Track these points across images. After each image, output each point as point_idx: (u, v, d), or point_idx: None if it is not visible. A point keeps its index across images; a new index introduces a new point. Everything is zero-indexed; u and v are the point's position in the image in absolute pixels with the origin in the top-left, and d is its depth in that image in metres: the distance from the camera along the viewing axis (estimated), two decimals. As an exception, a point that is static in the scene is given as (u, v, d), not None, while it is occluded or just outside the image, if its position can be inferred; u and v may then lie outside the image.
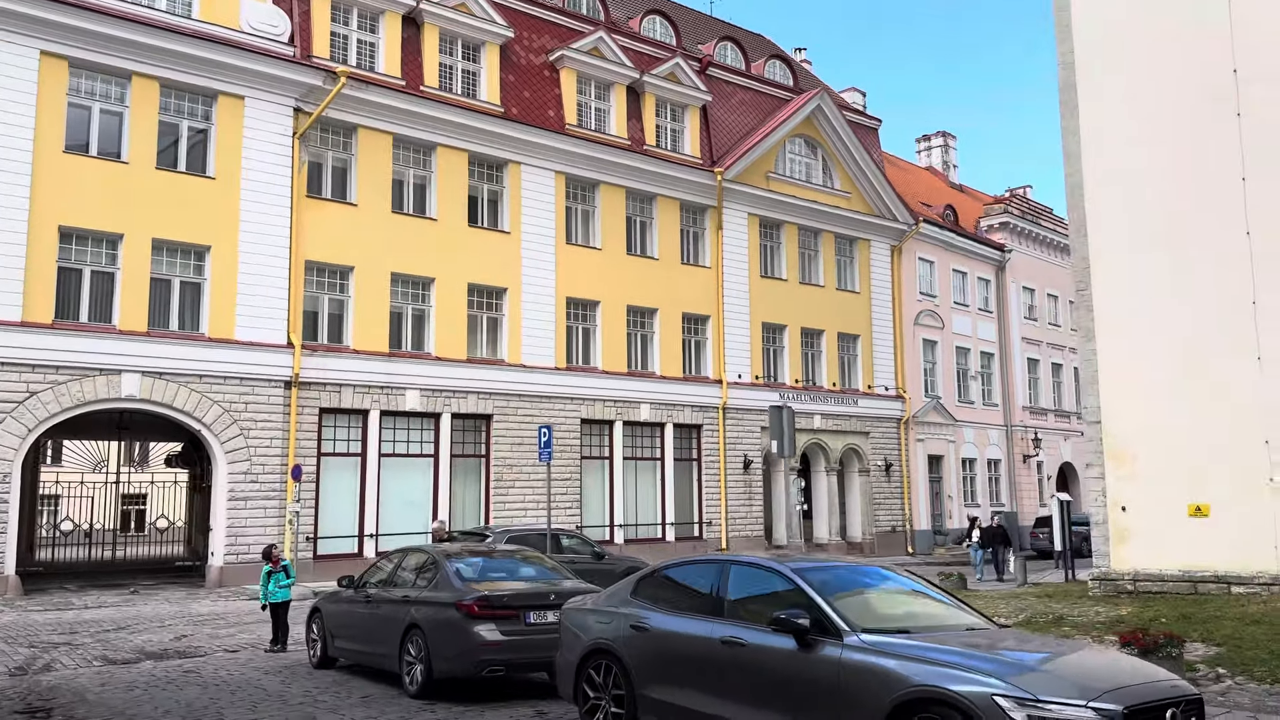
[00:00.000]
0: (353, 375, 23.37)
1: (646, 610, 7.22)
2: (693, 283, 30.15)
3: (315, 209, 23.39)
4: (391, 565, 10.56)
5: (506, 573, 9.70)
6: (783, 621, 5.96)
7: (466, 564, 9.46)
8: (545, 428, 17.26)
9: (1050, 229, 45.55)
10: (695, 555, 6.84)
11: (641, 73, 29.53)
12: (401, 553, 10.81)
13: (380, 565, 10.95)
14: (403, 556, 10.67)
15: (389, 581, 10.26)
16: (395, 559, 10.72)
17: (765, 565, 6.81)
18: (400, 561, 10.49)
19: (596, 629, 7.45)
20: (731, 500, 30.05)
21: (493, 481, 25.48)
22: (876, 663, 5.52)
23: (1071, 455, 45.12)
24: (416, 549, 10.85)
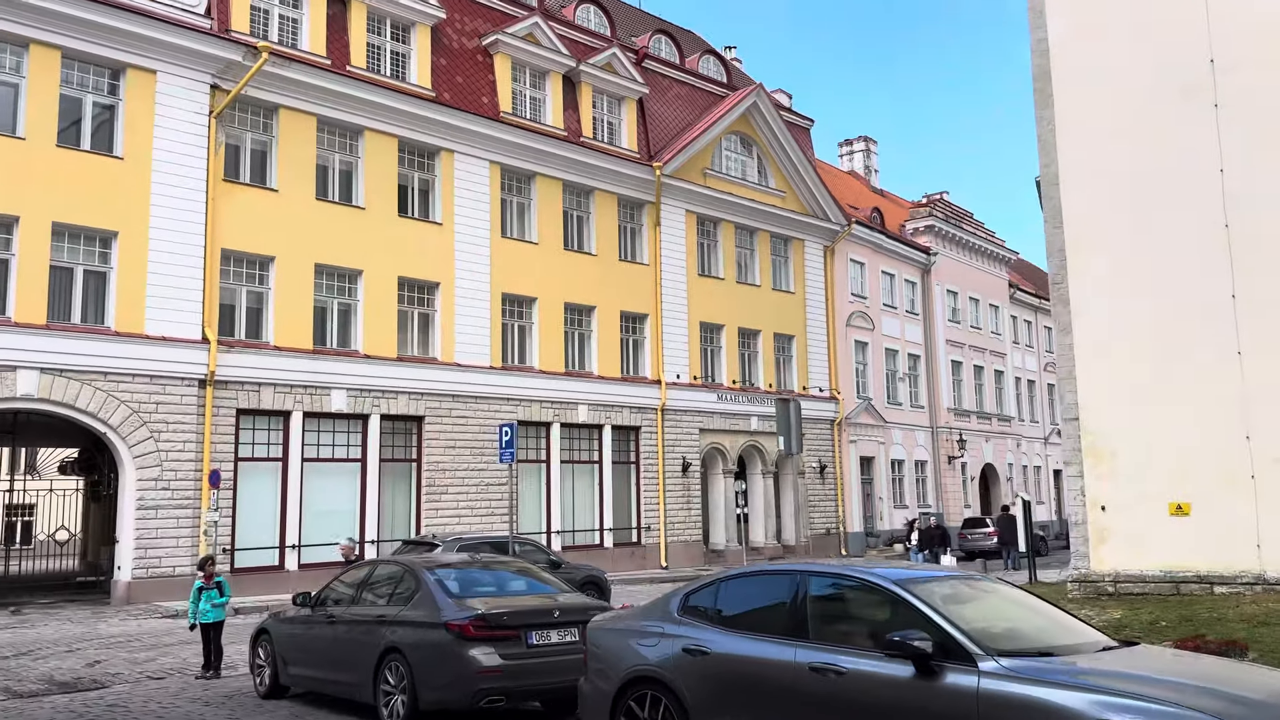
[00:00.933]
0: (273, 374, 21.71)
1: (702, 630, 6.15)
2: (631, 280, 29.20)
3: (233, 194, 21.67)
4: (357, 580, 9.24)
5: (495, 586, 8.52)
6: (899, 644, 4.98)
7: (450, 576, 8.25)
8: (508, 426, 16.03)
9: (972, 233, 46.05)
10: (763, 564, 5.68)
11: (578, 61, 28.48)
12: (369, 564, 9.49)
13: (343, 580, 9.60)
14: (371, 569, 9.34)
15: (356, 598, 8.96)
16: (362, 572, 9.40)
17: (857, 575, 5.80)
18: (368, 575, 9.17)
19: (637, 653, 6.35)
20: (670, 505, 29.16)
21: (425, 488, 24.05)
22: (1034, 695, 4.57)
23: (993, 457, 45.64)
24: (388, 560, 9.58)
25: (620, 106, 29.79)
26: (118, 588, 19.55)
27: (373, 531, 22.97)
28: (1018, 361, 49.83)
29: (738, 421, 31.60)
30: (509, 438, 15.61)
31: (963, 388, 43.98)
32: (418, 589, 8.11)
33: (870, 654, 5.25)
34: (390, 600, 8.44)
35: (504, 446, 15.62)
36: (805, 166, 34.73)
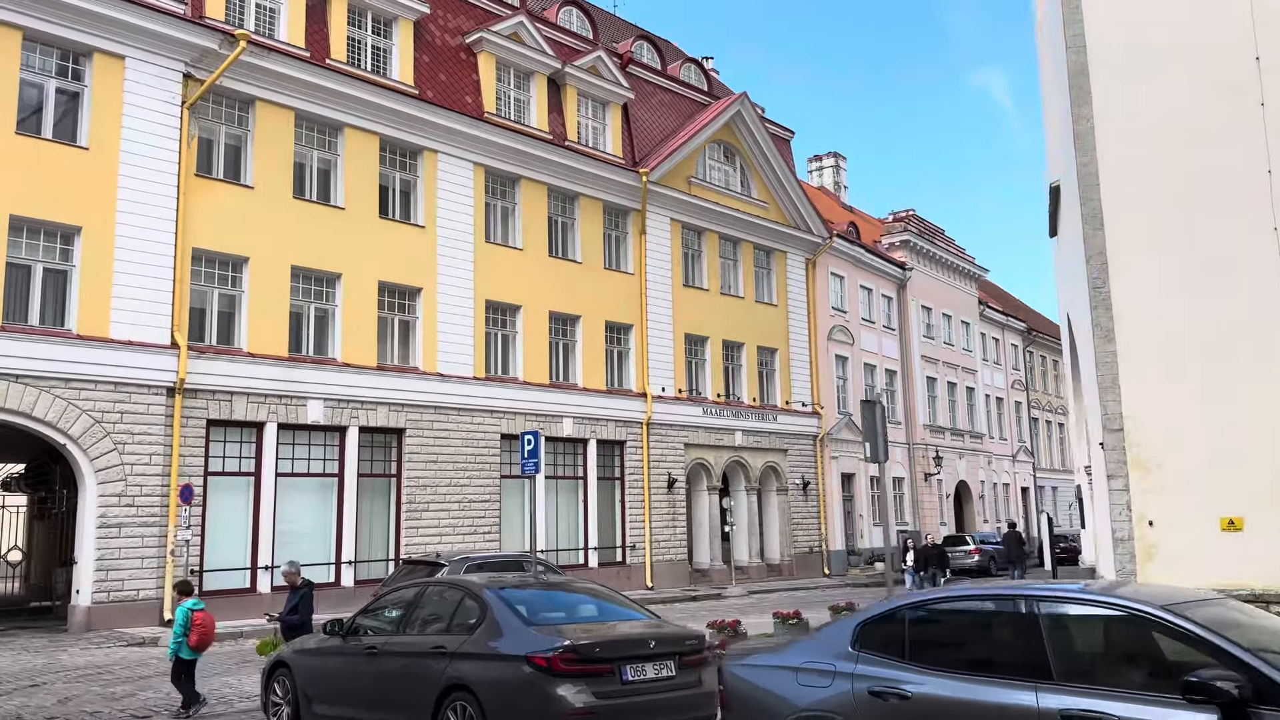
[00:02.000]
0: (246, 382, 20.31)
1: (892, 668, 5.10)
2: (616, 289, 28.20)
3: (206, 190, 20.30)
4: (401, 604, 8.03)
5: (567, 610, 7.40)
6: (1202, 687, 4.02)
7: (519, 599, 7.10)
8: (532, 434, 14.77)
9: (944, 248, 45.86)
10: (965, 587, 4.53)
11: (563, 64, 27.53)
12: (415, 586, 8.25)
13: (385, 603, 8.38)
14: (418, 591, 8.15)
15: (402, 626, 7.78)
16: (405, 594, 8.19)
17: (1111, 600, 4.79)
18: (416, 599, 8.00)
19: (802, 696, 5.27)
20: (656, 522, 28.09)
21: (404, 504, 22.73)
22: None
23: (966, 474, 45.30)
24: (443, 581, 8.37)
25: (605, 111, 28.87)
26: (76, 613, 17.95)
27: (350, 552, 21.62)
28: (987, 379, 49.68)
29: (722, 436, 30.69)
30: (532, 447, 14.38)
31: (937, 404, 43.61)
32: (484, 615, 6.95)
33: (1147, 698, 4.26)
34: (449, 628, 7.26)
35: (527, 457, 14.38)
36: (788, 177, 34.11)
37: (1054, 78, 17.94)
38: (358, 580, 21.61)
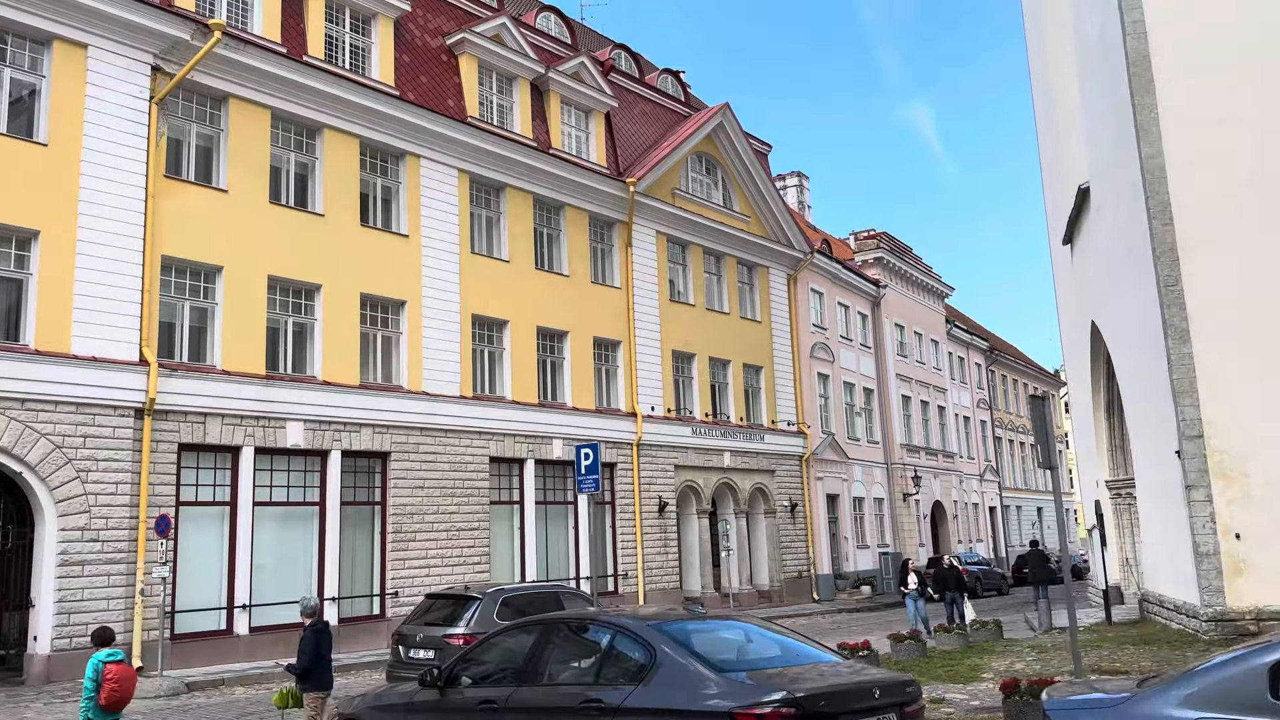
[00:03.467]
0: (221, 402, 18.53)
1: None
2: (603, 304, 26.90)
3: (176, 193, 18.57)
4: (520, 648, 6.53)
5: (743, 652, 6.01)
6: None
7: (691, 638, 5.70)
8: (590, 447, 13.25)
9: (914, 266, 45.47)
10: None
11: (547, 68, 26.29)
12: (534, 624, 6.72)
13: (494, 646, 6.85)
14: (542, 632, 6.64)
15: (529, 673, 6.33)
16: (524, 634, 6.71)
17: None
18: (544, 638, 6.52)
19: None
20: (648, 548, 26.69)
21: (390, 534, 21.02)
22: None
23: (940, 494, 44.68)
24: (578, 617, 6.86)
25: (588, 120, 27.67)
26: (33, 663, 15.92)
27: (333, 587, 19.84)
28: (956, 398, 49.30)
29: (711, 458, 29.46)
30: (590, 461, 12.87)
31: (912, 424, 42.99)
32: (652, 658, 5.53)
33: None
34: (600, 677, 5.81)
35: (584, 474, 12.87)
36: (769, 191, 33.24)
37: (1095, 72, 17.23)
38: (342, 618, 19.85)
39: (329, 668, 10.19)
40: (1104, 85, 16.37)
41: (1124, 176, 15.39)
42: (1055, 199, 24.65)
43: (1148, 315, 14.68)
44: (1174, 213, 13.70)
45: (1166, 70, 14.00)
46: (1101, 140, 17.01)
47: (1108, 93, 16.07)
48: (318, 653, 10.26)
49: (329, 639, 10.48)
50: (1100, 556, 16.32)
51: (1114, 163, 16.09)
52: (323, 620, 10.81)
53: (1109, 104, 16.13)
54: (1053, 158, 24.36)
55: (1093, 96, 17.61)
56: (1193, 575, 13.41)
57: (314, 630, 10.35)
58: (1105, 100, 16.37)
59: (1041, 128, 26.35)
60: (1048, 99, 24.09)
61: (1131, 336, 16.09)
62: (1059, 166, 22.56)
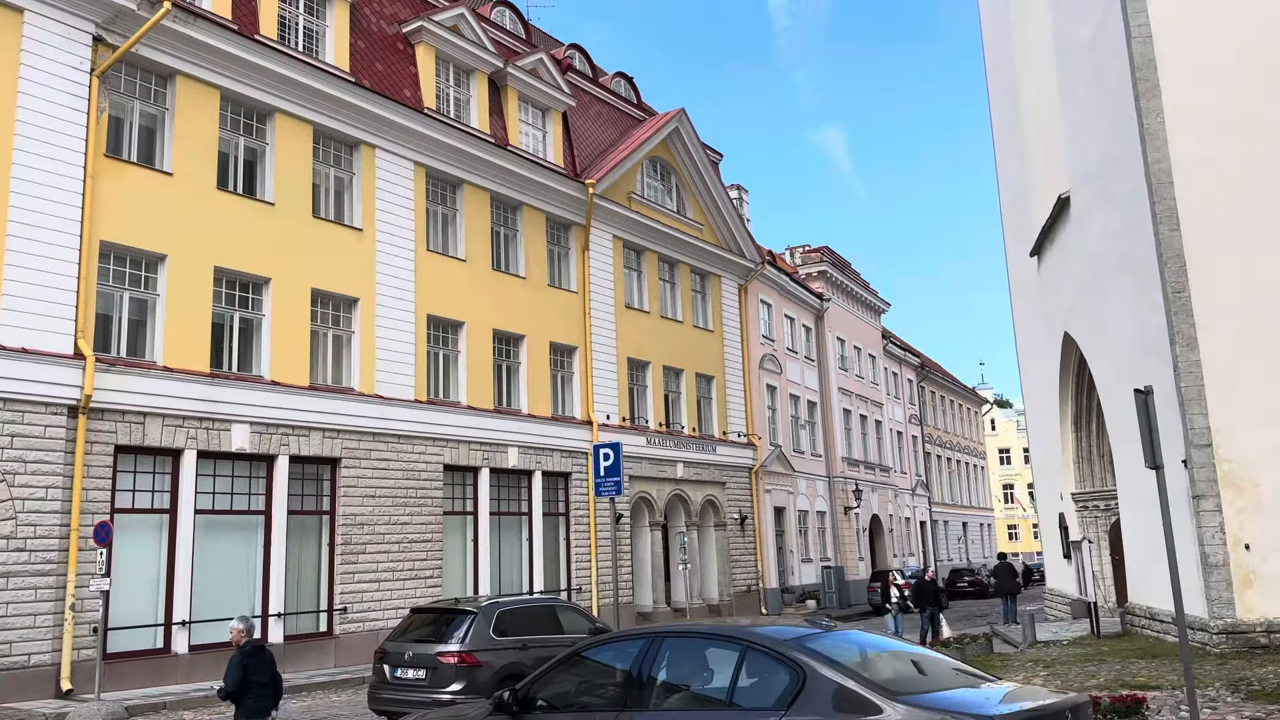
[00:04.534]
0: (162, 401, 17.11)
1: None
2: (560, 308, 26.02)
3: (117, 174, 17.14)
4: (616, 663, 5.56)
5: (892, 671, 5.15)
6: None
7: (835, 652, 4.86)
8: (610, 446, 12.25)
9: (853, 281, 45.59)
10: None
11: (505, 63, 25.38)
12: (632, 639, 5.70)
13: (582, 665, 5.85)
14: (647, 645, 5.54)
15: (632, 696, 5.34)
16: (620, 649, 5.76)
17: None
18: (647, 656, 5.44)
19: None
20: (602, 561, 25.79)
21: (339, 546, 19.74)
22: None
23: (878, 508, 44.73)
24: (691, 631, 5.86)
25: (546, 119, 26.82)
26: (-52, 687, 14.31)
27: (278, 602, 18.48)
28: (890, 413, 49.56)
29: (664, 468, 28.75)
30: (611, 462, 11.91)
31: (852, 437, 42.95)
32: (800, 680, 4.69)
33: None
34: (732, 701, 4.94)
35: (603, 476, 11.91)
36: (723, 199, 32.80)
37: (1084, 78, 17.09)
38: (288, 636, 18.53)
39: (267, 693, 9.25)
40: (1097, 91, 16.22)
41: (1119, 183, 15.22)
42: (1017, 214, 24.66)
43: (1147, 323, 14.48)
44: (1180, 219, 13.53)
45: (1172, 74, 13.85)
46: (1090, 148, 16.87)
47: (1102, 98, 15.92)
48: (246, 677, 9.31)
49: (264, 661, 9.51)
50: (1085, 569, 16.05)
51: (1106, 169, 15.94)
52: (259, 641, 9.83)
53: (1102, 109, 15.98)
54: (1015, 174, 24.37)
55: (1079, 104, 17.49)
56: (1199, 587, 13.17)
57: (243, 653, 9.42)
58: (1098, 106, 16.22)
59: (1001, 145, 26.42)
60: (1011, 116, 24.11)
61: (1122, 345, 15.91)
62: (1025, 181, 22.52)
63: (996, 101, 26.53)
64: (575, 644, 12.78)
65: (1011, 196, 25.38)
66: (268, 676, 9.39)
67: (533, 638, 11.97)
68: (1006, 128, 25.29)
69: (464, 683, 10.92)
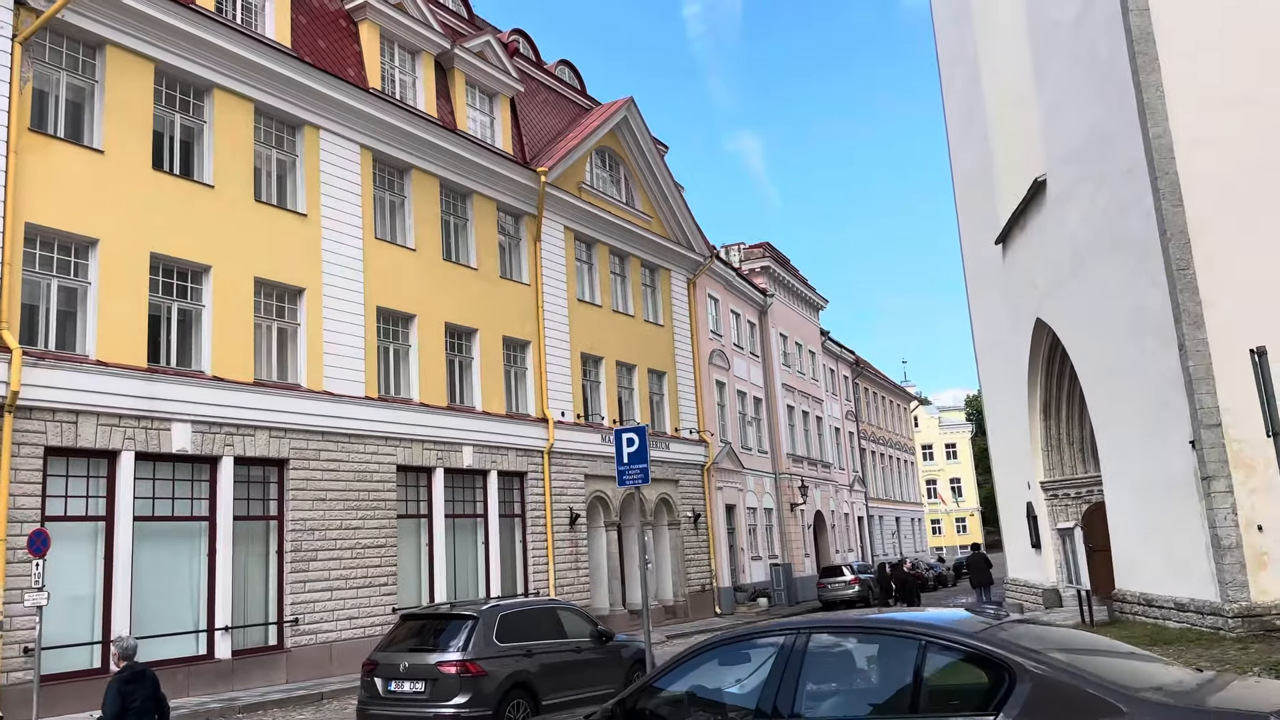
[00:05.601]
0: (96, 398, 15.65)
1: None
2: (512, 301, 24.99)
3: (43, 150, 15.64)
4: (750, 663, 4.65)
5: (1108, 666, 4.39)
6: None
7: (1054, 647, 4.03)
8: (635, 430, 11.17)
9: (793, 277, 45.40)
10: None
11: (452, 44, 24.27)
12: (773, 634, 4.66)
13: (698, 667, 4.88)
14: (792, 640, 4.65)
15: (783, 704, 4.33)
16: (752, 650, 4.84)
17: None
18: (793, 652, 4.55)
19: None
20: (559, 563, 24.82)
21: (288, 552, 18.42)
22: None
23: (821, 504, 44.56)
24: (851, 623, 4.87)
25: (493, 104, 25.77)
26: None
27: (224, 615, 17.10)
28: (829, 409, 49.53)
29: (619, 466, 27.85)
30: (636, 447, 10.90)
31: (795, 434, 42.68)
32: (1008, 679, 3.88)
33: None
34: (918, 707, 4.09)
35: (626, 463, 10.92)
36: (671, 191, 32.12)
37: (1066, 58, 16.81)
38: (235, 650, 17.17)
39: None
40: (1082, 70, 15.95)
41: (1111, 160, 14.94)
42: (976, 204, 24.49)
43: (1143, 302, 14.21)
44: (1183, 194, 13.25)
45: (1170, 47, 13.59)
46: (1073, 128, 16.60)
47: (1089, 76, 15.65)
48: (124, 705, 8.41)
49: (145, 686, 8.62)
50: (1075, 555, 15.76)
51: (1093, 149, 15.66)
52: (140, 665, 8.87)
53: (1088, 88, 15.71)
54: (974, 164, 24.18)
55: (1058, 85, 17.22)
56: (1208, 571, 12.90)
57: (120, 678, 8.52)
58: (1083, 85, 15.96)
59: (956, 137, 26.26)
60: (969, 106, 23.91)
61: (1111, 327, 15.64)
62: (988, 170, 22.31)
63: (951, 93, 26.36)
64: (579, 647, 11.95)
65: (969, 187, 25.21)
66: (151, 703, 8.67)
67: (537, 643, 11.04)
68: (963, 118, 25.11)
69: (469, 694, 9.93)
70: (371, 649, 19.02)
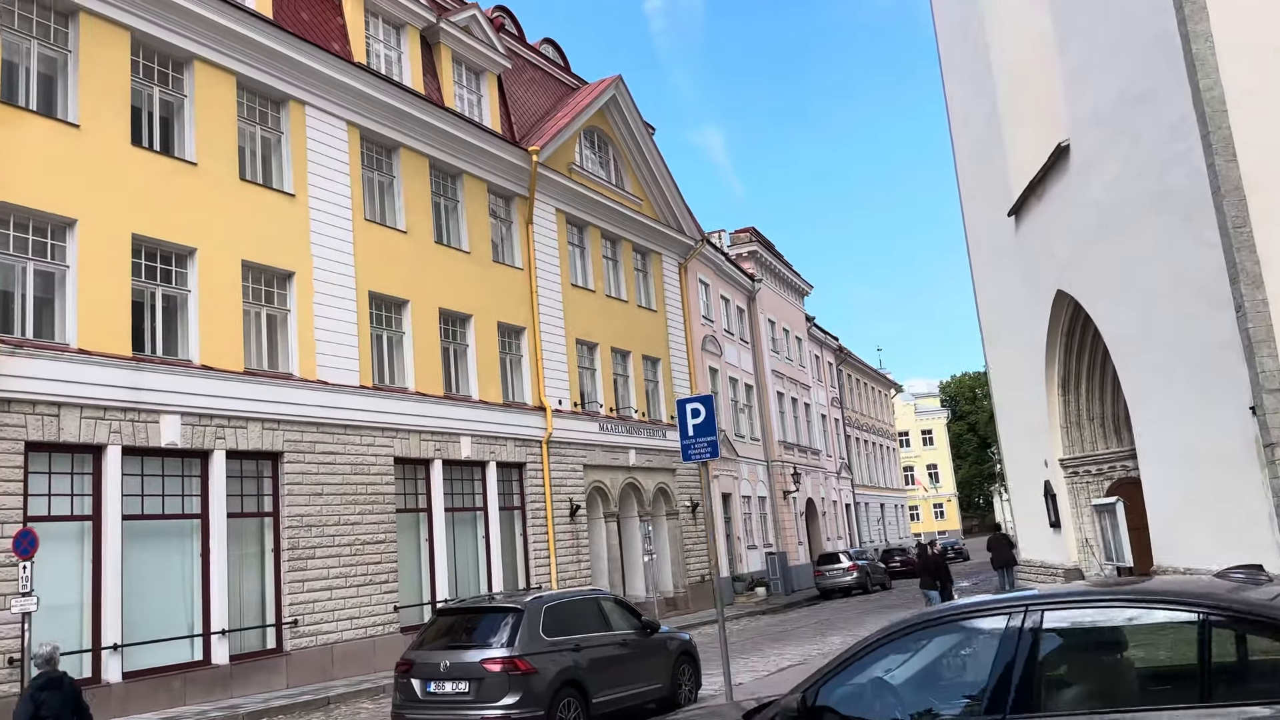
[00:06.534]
0: (79, 389, 14.59)
1: None
2: (506, 286, 24.06)
3: (13, 123, 14.54)
4: (969, 647, 3.84)
5: None
6: None
7: None
8: (701, 400, 10.24)
9: (777, 261, 44.76)
10: None
11: (438, 17, 23.27)
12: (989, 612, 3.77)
13: (901, 653, 4.02)
14: (1026, 624, 3.72)
15: (1021, 696, 3.53)
16: (939, 636, 4.10)
17: None
18: (1030, 636, 3.72)
19: None
20: (560, 556, 23.95)
21: (285, 551, 17.42)
22: None
23: (812, 491, 43.99)
24: (1076, 594, 4.02)
25: (480, 81, 24.80)
26: None
27: (220, 618, 16.09)
28: (815, 396, 48.98)
29: (618, 456, 27.06)
30: (702, 419, 10.00)
31: (785, 421, 42.05)
32: None
33: None
34: (1211, 696, 3.28)
35: (691, 435, 10.01)
36: (661, 172, 31.28)
37: (1093, 15, 16.17)
38: (233, 656, 16.17)
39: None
40: (1114, 26, 15.31)
41: (1151, 118, 14.31)
42: (982, 179, 23.85)
43: (1190, 263, 13.59)
44: (1237, 148, 12.63)
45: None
46: (1104, 89, 15.97)
47: (1122, 33, 15.02)
48: (35, 714, 7.76)
49: (63, 695, 8.01)
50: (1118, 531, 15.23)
51: (1129, 108, 15.02)
52: (57, 672, 8.20)
53: (1122, 45, 15.08)
54: (979, 138, 23.55)
55: (1085, 45, 16.57)
56: (1271, 540, 12.31)
57: (35, 685, 7.74)
58: (1116, 42, 15.32)
59: (958, 114, 25.61)
60: (974, 80, 23.25)
61: (1150, 292, 15.02)
62: (998, 142, 21.67)
63: (952, 72, 25.69)
64: (625, 640, 11.12)
65: (974, 163, 24.57)
66: (67, 712, 7.99)
67: (584, 637, 10.22)
68: (966, 96, 24.44)
69: (519, 694, 9.07)
70: (373, 651, 18.46)
